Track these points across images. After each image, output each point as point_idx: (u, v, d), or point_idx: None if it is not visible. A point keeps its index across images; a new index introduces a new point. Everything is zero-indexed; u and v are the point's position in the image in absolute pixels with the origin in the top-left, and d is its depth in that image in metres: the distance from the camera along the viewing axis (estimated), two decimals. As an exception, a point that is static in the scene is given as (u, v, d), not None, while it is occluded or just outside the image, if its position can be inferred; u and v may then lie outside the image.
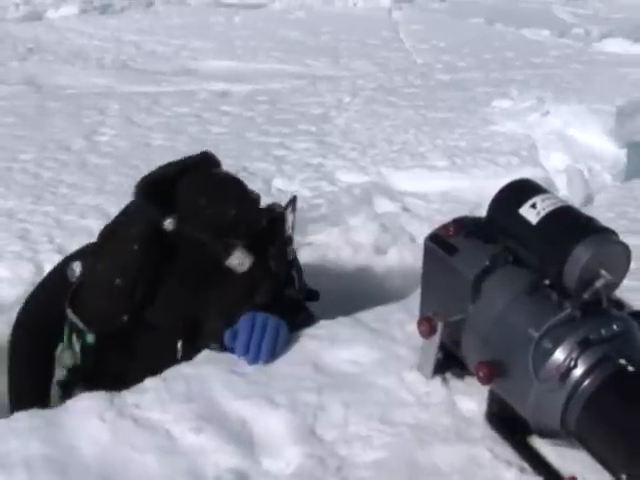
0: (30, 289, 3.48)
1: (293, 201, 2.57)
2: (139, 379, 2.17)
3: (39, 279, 3.57)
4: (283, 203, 2.54)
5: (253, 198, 2.52)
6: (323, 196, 4.56)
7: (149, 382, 2.23)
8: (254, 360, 2.22)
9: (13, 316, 3.15)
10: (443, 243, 2.04)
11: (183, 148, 5.37)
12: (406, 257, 4.00)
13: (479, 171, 5.03)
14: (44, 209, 4.30)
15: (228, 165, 4.95)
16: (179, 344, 2.46)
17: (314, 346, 2.36)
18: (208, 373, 2.24)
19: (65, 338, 2.54)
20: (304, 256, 3.96)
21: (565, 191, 4.78)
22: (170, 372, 2.29)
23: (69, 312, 2.47)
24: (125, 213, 2.61)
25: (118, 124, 5.93)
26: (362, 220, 4.24)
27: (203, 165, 2.56)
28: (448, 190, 4.79)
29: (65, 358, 2.54)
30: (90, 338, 2.47)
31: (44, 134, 5.62)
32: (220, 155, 5.11)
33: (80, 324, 2.45)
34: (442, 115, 6.32)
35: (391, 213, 4.41)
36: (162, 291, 2.44)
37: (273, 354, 2.24)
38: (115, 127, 5.85)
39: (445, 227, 2.07)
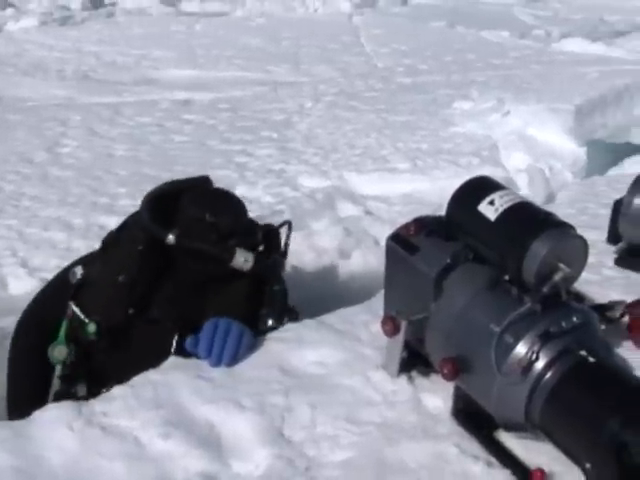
0: (-9, 306, 3.53)
1: (289, 224, 2.95)
2: (135, 372, 2.23)
3: (4, 294, 3.60)
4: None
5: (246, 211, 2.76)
6: (286, 202, 4.57)
7: (117, 390, 2.23)
8: (216, 363, 2.24)
9: None
10: (404, 242, 2.05)
11: (146, 158, 5.38)
12: (370, 260, 4.01)
13: (440, 172, 5.06)
14: (6, 222, 4.28)
15: (189, 173, 4.98)
16: (174, 340, 2.52)
17: (280, 349, 2.37)
18: (175, 379, 2.24)
19: (61, 333, 2.56)
20: (267, 262, 3.99)
21: (527, 190, 4.83)
22: (138, 379, 2.29)
23: (71, 304, 2.55)
24: (128, 223, 2.77)
25: (80, 135, 5.91)
26: (325, 224, 4.25)
27: (202, 184, 2.84)
28: (410, 192, 4.82)
29: (56, 352, 2.55)
30: (91, 328, 2.52)
31: (5, 147, 5.59)
32: (182, 164, 5.20)
33: (82, 315, 2.53)
34: (403, 118, 6.36)
35: (354, 217, 4.42)
36: (162, 291, 2.57)
37: (235, 358, 2.26)
38: (77, 138, 5.83)
39: (406, 227, 2.09)
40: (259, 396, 2.15)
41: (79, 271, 2.63)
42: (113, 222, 4.20)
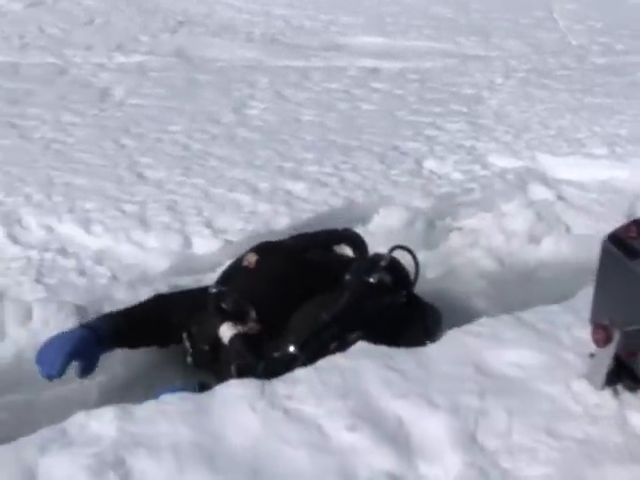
0: (178, 262, 3.52)
1: (412, 253, 3.00)
2: None
3: (187, 251, 3.59)
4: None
5: None
6: (476, 180, 4.40)
7: (301, 372, 2.15)
8: None
9: (159, 288, 3.22)
10: (623, 245, 1.87)
11: (333, 124, 5.30)
12: (562, 248, 3.80)
13: (641, 161, 4.73)
14: (193, 181, 4.28)
15: (378, 143, 4.91)
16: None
17: (476, 345, 2.24)
18: (364, 366, 2.15)
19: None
20: (454, 241, 3.84)
21: None
22: (324, 362, 2.20)
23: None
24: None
25: (267, 98, 5.89)
26: (516, 207, 4.05)
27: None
28: (607, 179, 4.52)
29: None
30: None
31: (194, 106, 5.63)
32: (370, 132, 5.08)
33: None
34: (599, 100, 6.00)
35: (546, 201, 4.19)
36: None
37: None
38: (264, 101, 5.81)
39: (626, 228, 1.90)
40: (452, 395, 2.02)
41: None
42: (299, 188, 4.17)
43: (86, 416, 2.02)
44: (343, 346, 2.41)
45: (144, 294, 3.19)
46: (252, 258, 2.84)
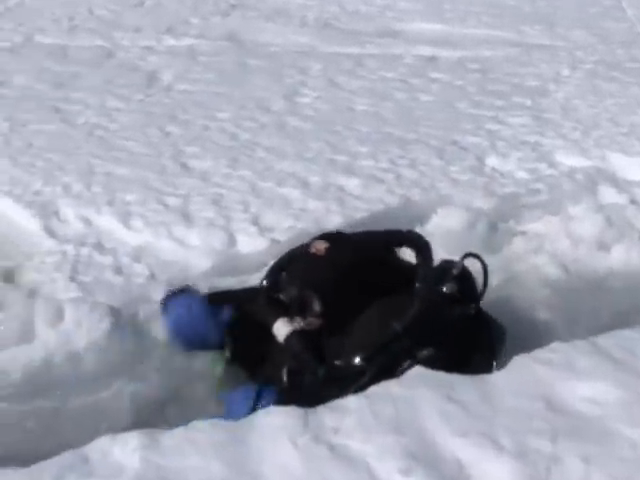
0: (221, 261, 3.32)
1: (483, 263, 2.73)
2: None
3: (231, 250, 3.38)
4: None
5: None
6: (542, 180, 4.12)
7: (351, 401, 1.92)
8: None
9: (199, 289, 2.98)
10: None
11: (389, 115, 5.05)
12: (633, 257, 3.53)
13: None
14: (240, 173, 4.08)
15: (437, 137, 4.65)
16: None
17: (547, 375, 2.00)
18: (420, 396, 1.92)
19: None
20: (517, 246, 3.58)
21: None
22: (376, 390, 1.98)
23: None
24: None
25: (320, 85, 5.63)
26: (584, 210, 3.76)
27: None
28: (686, 184, 4.20)
29: None
30: None
31: (243, 92, 5.40)
32: (428, 125, 4.82)
33: None
34: (675, 96, 5.64)
35: (617, 205, 3.89)
36: None
37: None
38: (317, 88, 5.56)
39: None
40: (520, 435, 1.78)
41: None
42: (352, 184, 3.94)
43: (110, 441, 1.83)
44: (413, 365, 2.23)
45: (183, 295, 3.03)
46: (321, 245, 2.60)
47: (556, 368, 2.02)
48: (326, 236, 2.69)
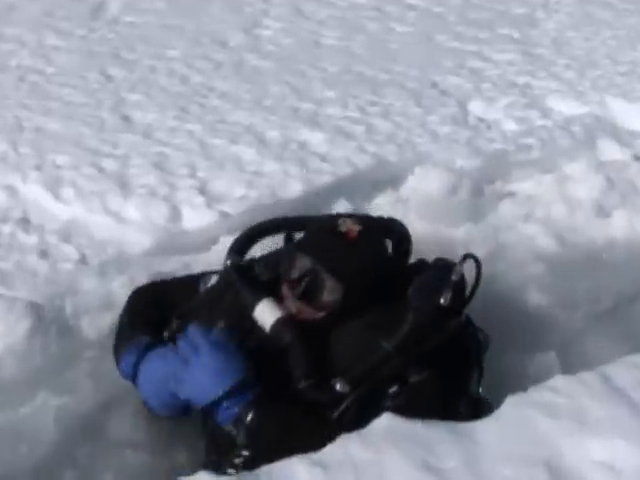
0: (163, 239, 2.87)
1: (476, 261, 2.16)
2: None
3: (174, 227, 2.91)
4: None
5: None
6: (534, 133, 3.60)
7: (301, 471, 1.50)
8: None
9: (137, 274, 2.62)
10: None
11: (360, 51, 4.52)
12: (637, 225, 3.12)
13: None
14: (188, 127, 3.57)
15: (414, 78, 4.12)
16: None
17: (549, 428, 1.59)
18: (390, 463, 1.52)
19: None
20: (505, 211, 3.14)
21: None
22: (334, 454, 1.55)
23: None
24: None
25: (284, 14, 5.04)
26: (582, 169, 3.30)
27: None
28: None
29: None
30: None
31: (198, 25, 4.80)
32: (404, 63, 4.29)
33: None
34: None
35: (619, 162, 3.43)
36: None
37: None
38: (280, 18, 4.97)
39: None
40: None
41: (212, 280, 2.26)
42: (316, 140, 3.47)
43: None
44: (402, 392, 1.91)
45: (118, 285, 2.58)
46: (355, 226, 2.06)
47: (560, 417, 1.59)
48: (353, 216, 2.17)
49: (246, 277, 2.13)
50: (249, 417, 1.86)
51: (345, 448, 1.58)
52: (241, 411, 1.86)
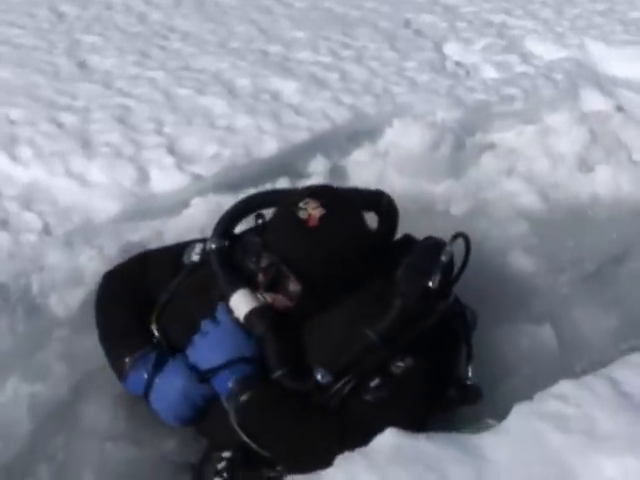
0: (131, 204, 2.68)
1: (466, 239, 2.05)
2: None
3: (142, 191, 2.72)
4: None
5: None
6: (515, 82, 3.43)
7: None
8: None
9: (105, 244, 2.45)
10: None
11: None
12: (620, 181, 3.05)
13: None
14: (150, 74, 3.35)
15: (386, 16, 3.88)
16: None
17: (559, 444, 1.52)
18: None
19: None
20: (486, 166, 3.03)
21: None
22: (336, 475, 1.47)
23: None
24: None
25: None
26: (565, 121, 3.20)
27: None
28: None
29: None
30: None
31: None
32: (376, 0, 4.01)
33: None
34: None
35: (602, 113, 3.31)
36: None
37: None
38: None
39: None
40: None
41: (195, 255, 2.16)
42: (289, 89, 3.28)
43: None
44: (384, 385, 1.83)
45: (86, 258, 2.40)
46: (316, 211, 1.92)
47: (571, 431, 1.52)
48: (319, 196, 1.99)
49: (226, 265, 2.05)
50: (244, 397, 1.84)
51: (348, 472, 1.49)
52: (238, 389, 1.85)
